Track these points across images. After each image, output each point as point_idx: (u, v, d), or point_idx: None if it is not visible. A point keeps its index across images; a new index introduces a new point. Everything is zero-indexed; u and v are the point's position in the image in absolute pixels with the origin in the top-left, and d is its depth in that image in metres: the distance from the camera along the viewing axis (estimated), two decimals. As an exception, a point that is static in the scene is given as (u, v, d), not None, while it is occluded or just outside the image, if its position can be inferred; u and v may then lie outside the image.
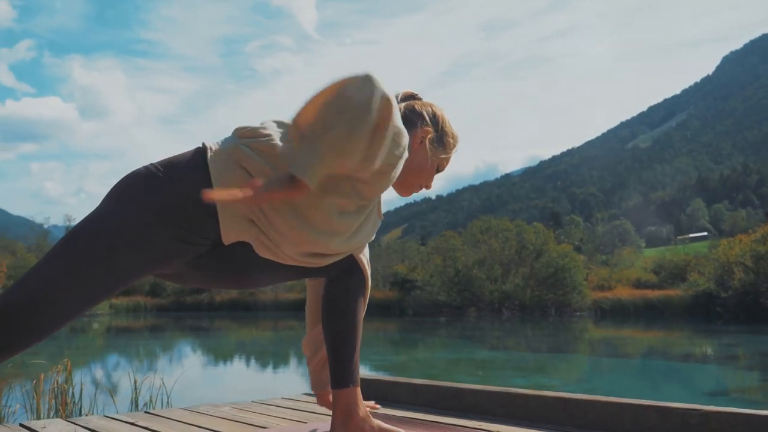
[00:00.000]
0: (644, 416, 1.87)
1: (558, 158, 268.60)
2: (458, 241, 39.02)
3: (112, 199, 1.46)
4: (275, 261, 1.56)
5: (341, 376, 1.74)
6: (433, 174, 1.80)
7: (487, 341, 18.67)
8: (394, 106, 1.36)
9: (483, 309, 34.74)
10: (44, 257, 1.41)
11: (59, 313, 1.37)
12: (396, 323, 27.92)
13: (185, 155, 1.51)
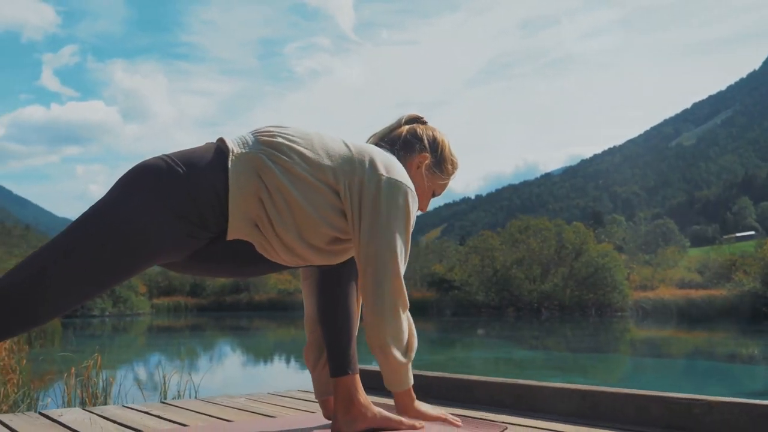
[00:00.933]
0: (649, 406, 1.87)
1: (599, 157, 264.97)
2: (496, 241, 38.82)
3: (128, 188, 1.45)
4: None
5: (340, 364, 1.77)
6: (429, 198, 1.86)
7: (525, 341, 18.55)
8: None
9: (521, 309, 34.50)
10: (53, 240, 1.41)
11: (59, 298, 1.38)
12: (434, 323, 27.88)
13: (205, 153, 1.51)
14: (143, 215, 1.41)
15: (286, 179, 1.50)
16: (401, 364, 1.64)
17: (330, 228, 1.56)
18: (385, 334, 1.60)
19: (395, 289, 1.60)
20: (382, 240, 1.56)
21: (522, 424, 1.97)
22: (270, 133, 1.56)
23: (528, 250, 37.06)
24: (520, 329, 24.00)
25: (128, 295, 37.52)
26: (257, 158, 1.51)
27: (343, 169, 1.56)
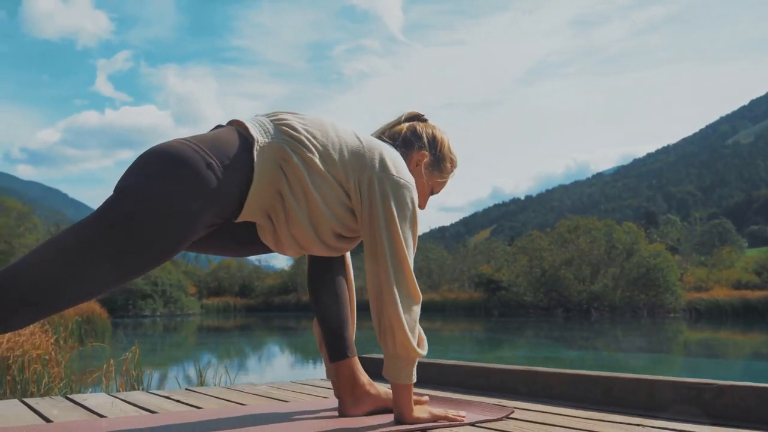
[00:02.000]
0: (660, 391, 1.84)
1: (653, 156, 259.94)
2: (545, 241, 38.40)
3: (164, 180, 1.40)
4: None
5: (339, 348, 1.83)
6: (426, 196, 1.88)
7: (574, 342, 18.29)
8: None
9: (571, 310, 34.03)
10: (82, 224, 1.38)
11: (88, 281, 1.36)
12: (481, 324, 27.72)
13: (232, 142, 1.50)
14: (179, 209, 1.39)
15: (305, 171, 1.53)
16: (413, 351, 1.64)
17: (338, 224, 1.60)
18: (401, 321, 1.60)
19: (408, 283, 1.63)
20: (393, 238, 1.60)
21: (531, 408, 1.96)
22: (289, 124, 1.57)
23: (577, 250, 36.55)
24: (569, 330, 23.68)
25: (178, 296, 38.23)
26: (281, 148, 1.53)
27: (353, 166, 1.60)
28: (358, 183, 1.60)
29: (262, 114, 1.65)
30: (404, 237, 1.62)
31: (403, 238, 1.62)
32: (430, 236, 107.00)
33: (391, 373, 1.66)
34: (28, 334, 5.63)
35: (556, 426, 1.67)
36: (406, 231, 1.63)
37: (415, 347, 1.64)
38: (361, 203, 1.61)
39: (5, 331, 1.36)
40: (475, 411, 1.88)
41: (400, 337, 1.61)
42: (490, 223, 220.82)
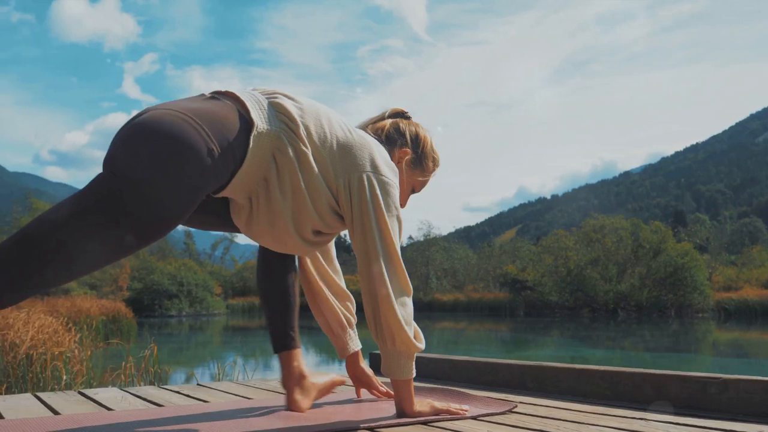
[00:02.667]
0: (666, 385, 1.82)
1: (681, 154, 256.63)
2: (570, 241, 38.08)
3: (166, 161, 1.35)
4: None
5: (285, 339, 1.86)
6: (408, 194, 1.88)
7: (601, 342, 18.13)
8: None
9: (597, 310, 33.72)
10: (81, 199, 1.32)
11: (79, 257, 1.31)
12: (507, 324, 27.58)
13: (232, 124, 1.45)
14: (177, 196, 1.37)
15: (297, 165, 1.52)
16: (412, 346, 1.64)
17: (319, 221, 1.60)
18: (397, 317, 1.60)
19: (400, 279, 1.64)
20: (384, 235, 1.61)
21: (536, 403, 1.95)
22: (287, 110, 1.53)
23: (603, 249, 36.20)
24: (596, 330, 23.46)
25: (204, 296, 38.53)
26: (278, 138, 1.51)
27: (344, 164, 1.59)
28: (348, 182, 1.59)
29: (259, 89, 1.61)
30: (393, 233, 1.62)
31: (393, 236, 1.62)
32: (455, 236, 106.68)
33: (391, 369, 1.66)
34: (51, 332, 5.71)
35: (558, 420, 1.65)
36: (394, 228, 1.63)
37: (414, 342, 1.64)
38: (351, 202, 1.60)
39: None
40: (478, 405, 1.87)
41: (399, 334, 1.61)
42: (515, 223, 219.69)
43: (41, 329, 5.54)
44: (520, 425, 1.59)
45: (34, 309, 7.88)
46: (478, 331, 22.92)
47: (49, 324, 6.01)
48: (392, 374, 1.66)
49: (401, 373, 1.66)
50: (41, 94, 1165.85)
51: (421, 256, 49.67)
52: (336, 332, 2.01)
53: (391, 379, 1.70)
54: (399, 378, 1.66)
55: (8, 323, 5.39)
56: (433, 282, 47.47)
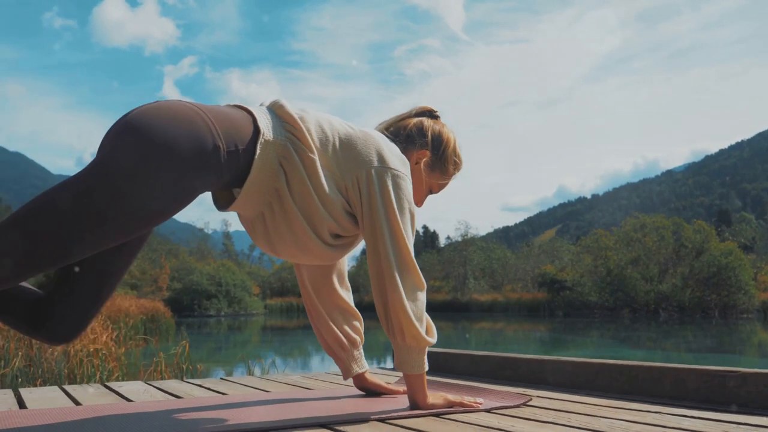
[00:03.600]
0: (684, 379, 1.79)
1: (726, 152, 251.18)
2: (610, 240, 37.57)
3: (169, 153, 1.34)
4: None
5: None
6: (425, 195, 1.85)
7: (641, 343, 17.85)
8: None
9: (638, 310, 33.20)
10: (83, 184, 1.31)
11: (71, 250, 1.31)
12: (545, 324, 27.33)
13: (244, 130, 1.47)
14: (175, 187, 1.37)
15: (305, 172, 1.52)
16: (423, 340, 1.63)
17: (335, 224, 1.59)
18: (406, 311, 1.59)
19: (411, 272, 1.62)
20: (393, 228, 1.60)
21: (552, 397, 1.93)
22: (291, 118, 1.54)
23: (644, 249, 35.65)
24: (636, 330, 23.11)
25: (242, 296, 38.94)
26: (285, 148, 1.51)
27: (350, 162, 1.59)
28: (357, 180, 1.59)
29: (266, 104, 1.63)
30: (404, 228, 1.61)
31: (403, 229, 1.60)
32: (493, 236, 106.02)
33: (403, 364, 1.65)
34: (88, 329, 5.82)
35: (572, 413, 1.64)
36: (405, 222, 1.62)
37: (424, 336, 1.62)
38: (360, 199, 1.59)
39: None
40: (493, 398, 1.86)
41: (408, 328, 1.60)
42: (555, 223, 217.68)
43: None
44: (532, 417, 1.58)
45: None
46: (517, 331, 22.75)
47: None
48: (404, 369, 1.65)
49: (413, 367, 1.65)
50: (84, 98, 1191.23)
51: (459, 256, 49.54)
52: (337, 353, 1.97)
53: (403, 374, 1.69)
54: (411, 372, 1.65)
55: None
56: (470, 282, 47.27)
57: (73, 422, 1.55)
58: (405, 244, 1.60)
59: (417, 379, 1.67)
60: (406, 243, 1.60)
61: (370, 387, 2.01)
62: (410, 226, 1.63)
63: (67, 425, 1.52)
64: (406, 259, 1.61)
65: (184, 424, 1.51)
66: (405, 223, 1.61)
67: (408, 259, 1.61)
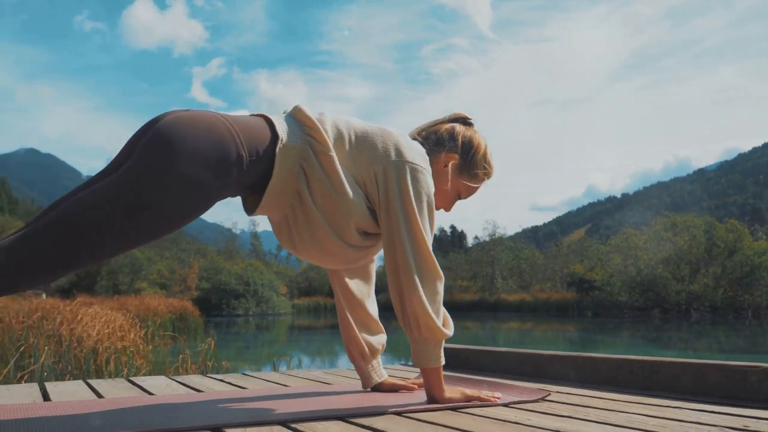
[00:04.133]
0: (705, 375, 1.76)
1: (760, 150, 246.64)
2: (640, 240, 37.14)
3: (195, 158, 1.40)
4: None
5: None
6: (452, 199, 1.84)
7: (672, 343, 17.63)
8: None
9: (669, 310, 32.76)
10: (112, 189, 1.36)
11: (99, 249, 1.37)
12: (574, 324, 27.10)
13: (263, 137, 1.52)
14: (199, 190, 1.41)
15: (324, 172, 1.55)
16: (439, 332, 1.62)
17: (358, 220, 1.60)
18: (422, 303, 1.59)
19: (428, 264, 1.62)
20: (410, 220, 1.60)
21: (572, 392, 1.92)
22: (309, 121, 1.57)
23: (675, 248, 35.18)
24: (667, 331, 22.84)
25: (270, 296, 39.16)
26: (304, 150, 1.54)
27: (368, 159, 1.61)
28: (374, 174, 1.60)
29: (288, 110, 1.65)
30: (421, 220, 1.61)
31: (420, 221, 1.60)
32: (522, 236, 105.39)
33: (420, 358, 1.65)
34: (117, 327, 5.91)
35: (590, 408, 1.62)
36: (423, 215, 1.62)
37: (440, 327, 1.62)
38: (378, 193, 1.61)
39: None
40: (512, 393, 1.85)
41: (424, 319, 1.60)
42: (584, 222, 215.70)
43: (107, 324, 5.73)
44: (550, 411, 1.57)
45: (103, 306, 8.17)
46: (545, 331, 22.61)
47: (114, 319, 6.21)
48: (421, 362, 1.65)
49: (429, 360, 1.64)
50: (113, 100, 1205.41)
51: (487, 256, 49.37)
52: (358, 362, 1.98)
53: (420, 368, 1.69)
54: (427, 366, 1.65)
55: (77, 318, 5.60)
56: (498, 282, 47.07)
57: (94, 413, 1.58)
58: (422, 236, 1.60)
59: (433, 373, 1.67)
60: (423, 235, 1.60)
61: (388, 387, 2.00)
62: (428, 219, 1.63)
63: (85, 416, 1.54)
64: (422, 251, 1.61)
65: (200, 417, 1.52)
66: (422, 216, 1.61)
67: (425, 251, 1.61)
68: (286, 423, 1.44)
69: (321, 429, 1.37)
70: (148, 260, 36.72)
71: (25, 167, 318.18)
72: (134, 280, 35.00)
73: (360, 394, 1.91)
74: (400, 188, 1.59)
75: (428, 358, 1.64)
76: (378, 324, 2.00)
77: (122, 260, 34.55)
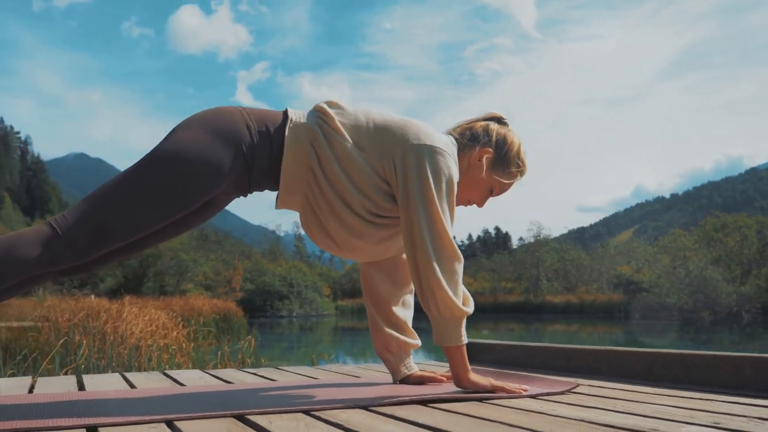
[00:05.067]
0: (741, 368, 1.72)
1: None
2: (689, 241, 36.36)
3: (211, 140, 1.53)
4: None
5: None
6: (485, 194, 1.85)
7: (723, 346, 17.22)
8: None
9: (719, 312, 31.96)
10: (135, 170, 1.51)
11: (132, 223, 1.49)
12: (621, 326, 26.67)
13: (274, 118, 1.63)
14: (213, 163, 1.52)
15: (331, 153, 1.61)
16: (458, 310, 1.62)
17: (369, 203, 1.63)
18: (439, 280, 1.60)
19: (445, 243, 1.63)
20: (427, 200, 1.61)
21: (599, 385, 1.89)
22: (323, 109, 1.65)
23: (725, 249, 34.37)
24: (718, 333, 22.32)
25: (314, 297, 39.39)
26: (314, 131, 1.62)
27: (386, 144, 1.64)
28: (393, 158, 1.63)
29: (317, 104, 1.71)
30: (439, 200, 1.61)
31: (438, 201, 1.61)
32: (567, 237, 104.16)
33: (440, 336, 1.66)
34: (160, 325, 6.02)
35: (619, 399, 1.59)
36: (441, 195, 1.62)
37: (458, 305, 1.62)
38: (397, 177, 1.62)
39: (88, 269, 1.57)
40: (539, 385, 1.83)
41: (441, 298, 1.61)
42: (632, 223, 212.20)
43: (150, 323, 5.83)
44: (577, 403, 1.54)
45: (148, 306, 8.32)
46: (591, 334, 22.30)
47: (157, 318, 6.32)
48: (442, 341, 1.66)
49: (450, 339, 1.65)
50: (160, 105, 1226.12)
51: (531, 258, 48.90)
52: (384, 356, 1.99)
53: (443, 348, 1.69)
54: (449, 344, 1.66)
55: (121, 316, 5.71)
56: (543, 284, 46.58)
57: (122, 399, 1.60)
58: (439, 217, 1.61)
59: (456, 352, 1.67)
60: (440, 216, 1.61)
61: (416, 380, 1.99)
62: (447, 200, 1.64)
63: (112, 402, 1.57)
64: (439, 231, 1.61)
65: (226, 404, 1.54)
66: (441, 196, 1.62)
67: (442, 231, 1.62)
68: (309, 411, 1.44)
69: (343, 417, 1.37)
70: (194, 262, 37.28)
71: (74, 172, 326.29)
72: (180, 281, 35.57)
73: (386, 386, 1.91)
74: (419, 169, 1.61)
75: (449, 336, 1.65)
76: (408, 327, 1.99)
77: (168, 262, 35.16)
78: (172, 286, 34.75)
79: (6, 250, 1.43)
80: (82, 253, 1.47)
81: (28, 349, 4.28)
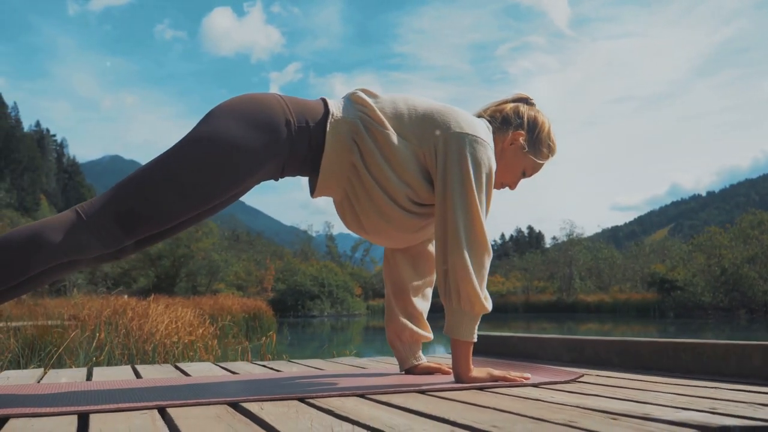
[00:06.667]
0: (749, 357, 1.68)
1: None
2: (725, 238, 35.66)
3: (250, 129, 1.52)
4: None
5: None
6: (518, 176, 1.85)
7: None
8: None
9: (756, 311, 31.29)
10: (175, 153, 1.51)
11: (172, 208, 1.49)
12: (655, 325, 26.25)
13: (315, 111, 1.61)
14: (246, 145, 1.51)
15: (374, 145, 1.60)
16: (479, 305, 1.61)
17: (411, 191, 1.63)
18: (468, 272, 1.59)
19: (477, 235, 1.61)
20: (465, 188, 1.60)
21: (605, 374, 1.85)
22: (362, 100, 1.63)
23: (762, 247, 33.62)
24: (754, 332, 21.83)
25: (345, 297, 39.44)
26: (355, 125, 1.60)
27: (427, 131, 1.63)
28: (434, 146, 1.62)
29: (351, 93, 1.69)
30: (477, 191, 1.60)
31: (477, 192, 1.60)
32: (601, 236, 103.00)
33: (453, 328, 1.64)
34: (186, 323, 6.06)
35: (621, 388, 1.56)
36: (480, 186, 1.61)
37: (481, 300, 1.61)
38: (437, 162, 1.61)
39: (120, 256, 1.56)
40: (543, 375, 1.80)
41: (466, 290, 1.59)
42: (667, 222, 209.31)
43: (176, 320, 5.88)
44: (578, 391, 1.52)
45: (177, 304, 8.41)
46: (625, 333, 21.98)
47: (183, 315, 6.38)
48: (453, 332, 1.64)
49: (462, 333, 1.63)
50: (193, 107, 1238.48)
51: (564, 256, 48.44)
52: (395, 344, 1.98)
53: (450, 340, 1.67)
54: (458, 337, 1.64)
55: (147, 313, 5.76)
56: (576, 282, 46.10)
57: (124, 389, 1.61)
58: (476, 207, 1.60)
59: (463, 347, 1.65)
60: (476, 206, 1.60)
61: (422, 370, 1.97)
62: (485, 191, 1.63)
63: (112, 391, 1.58)
64: (474, 222, 1.60)
65: (222, 392, 1.53)
66: (479, 187, 1.61)
67: (476, 222, 1.60)
68: (304, 398, 1.43)
69: (337, 404, 1.36)
70: (225, 262, 37.58)
71: (110, 174, 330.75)
72: (212, 281, 35.86)
73: (390, 376, 1.90)
74: (459, 157, 1.60)
75: (462, 330, 1.63)
76: (423, 320, 1.98)
77: (200, 262, 35.46)
78: (204, 286, 35.06)
79: (30, 236, 1.41)
80: (110, 240, 1.46)
81: (53, 345, 4.34)
